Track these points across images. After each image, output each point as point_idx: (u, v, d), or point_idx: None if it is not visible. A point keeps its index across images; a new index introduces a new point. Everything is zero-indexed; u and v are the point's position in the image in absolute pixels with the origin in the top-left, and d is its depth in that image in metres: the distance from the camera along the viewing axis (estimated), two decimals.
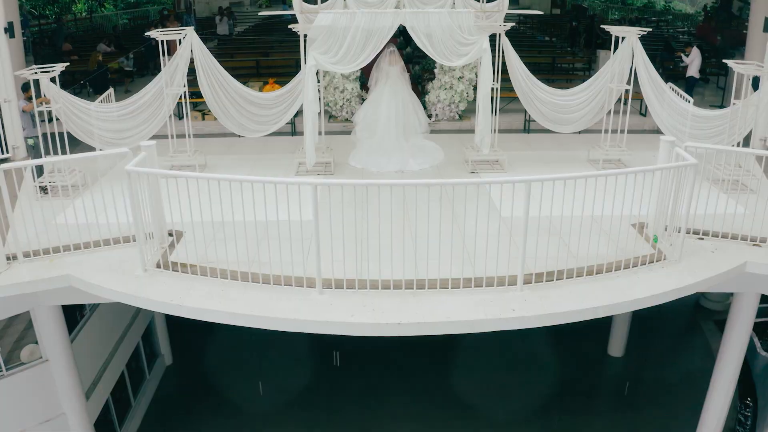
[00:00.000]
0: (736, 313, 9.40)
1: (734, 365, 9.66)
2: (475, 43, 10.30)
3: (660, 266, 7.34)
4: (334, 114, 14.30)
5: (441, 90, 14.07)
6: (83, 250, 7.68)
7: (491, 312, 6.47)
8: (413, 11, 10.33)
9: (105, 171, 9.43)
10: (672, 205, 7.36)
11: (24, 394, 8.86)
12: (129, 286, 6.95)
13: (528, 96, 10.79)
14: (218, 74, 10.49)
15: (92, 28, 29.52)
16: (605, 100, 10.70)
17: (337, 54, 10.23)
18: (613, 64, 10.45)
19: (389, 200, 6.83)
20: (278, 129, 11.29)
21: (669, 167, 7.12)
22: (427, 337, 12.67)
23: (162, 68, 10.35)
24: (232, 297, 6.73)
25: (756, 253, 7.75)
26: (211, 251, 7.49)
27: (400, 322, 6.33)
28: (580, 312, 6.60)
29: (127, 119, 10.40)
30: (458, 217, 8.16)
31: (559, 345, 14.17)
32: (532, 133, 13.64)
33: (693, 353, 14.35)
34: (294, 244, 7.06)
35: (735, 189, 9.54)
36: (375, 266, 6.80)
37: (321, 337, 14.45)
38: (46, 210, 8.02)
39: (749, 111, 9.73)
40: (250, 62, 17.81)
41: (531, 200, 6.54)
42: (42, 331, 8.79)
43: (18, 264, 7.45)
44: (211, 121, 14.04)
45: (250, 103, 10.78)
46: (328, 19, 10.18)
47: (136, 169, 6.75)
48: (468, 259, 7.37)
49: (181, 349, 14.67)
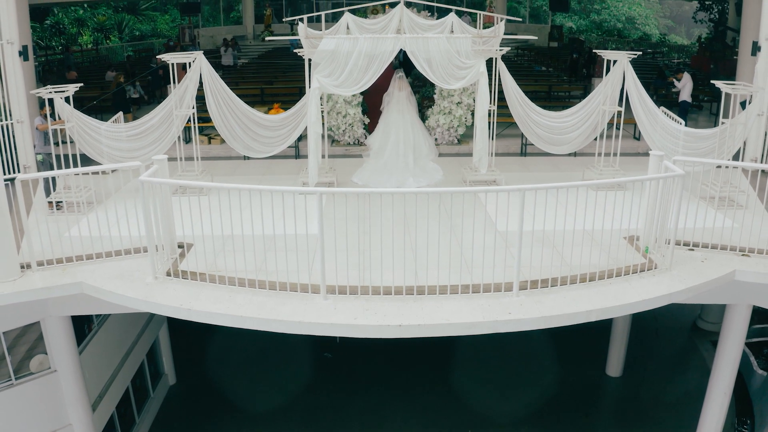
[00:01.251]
0: (728, 325, 9.62)
1: (728, 377, 9.85)
2: (473, 67, 10.74)
3: (651, 274, 7.62)
4: (337, 138, 14.70)
5: (440, 115, 14.48)
6: (95, 260, 7.97)
7: (489, 315, 6.73)
8: (413, 36, 10.79)
9: (116, 188, 9.79)
10: (662, 215, 7.66)
11: (32, 404, 9.05)
12: (139, 292, 7.22)
13: (523, 117, 11.18)
14: (226, 96, 10.88)
15: (98, 59, 30.24)
16: (598, 122, 11.08)
17: (339, 77, 10.67)
18: (604, 87, 10.85)
19: (390, 215, 7.20)
20: (282, 152, 11.68)
21: (657, 177, 7.44)
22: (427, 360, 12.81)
23: (170, 92, 10.77)
24: (239, 302, 6.99)
25: (745, 262, 8.04)
26: (219, 261, 7.80)
27: (401, 324, 6.58)
28: (574, 315, 6.83)
29: (137, 139, 10.77)
30: (456, 229, 8.48)
31: (558, 365, 14.36)
32: (529, 156, 14.02)
33: (690, 373, 14.48)
34: (299, 255, 7.40)
35: (725, 205, 9.84)
36: (377, 274, 7.13)
37: (327, 363, 14.79)
38: (58, 223, 8.35)
39: (737, 129, 10.10)
40: (254, 90, 18.30)
41: (526, 214, 6.87)
42: (51, 341, 9.02)
43: (31, 272, 7.73)
44: (216, 145, 14.49)
45: (257, 124, 11.16)
46: (331, 44, 10.66)
47: (150, 179, 7.08)
48: (466, 268, 7.65)
49: (184, 369, 14.82)
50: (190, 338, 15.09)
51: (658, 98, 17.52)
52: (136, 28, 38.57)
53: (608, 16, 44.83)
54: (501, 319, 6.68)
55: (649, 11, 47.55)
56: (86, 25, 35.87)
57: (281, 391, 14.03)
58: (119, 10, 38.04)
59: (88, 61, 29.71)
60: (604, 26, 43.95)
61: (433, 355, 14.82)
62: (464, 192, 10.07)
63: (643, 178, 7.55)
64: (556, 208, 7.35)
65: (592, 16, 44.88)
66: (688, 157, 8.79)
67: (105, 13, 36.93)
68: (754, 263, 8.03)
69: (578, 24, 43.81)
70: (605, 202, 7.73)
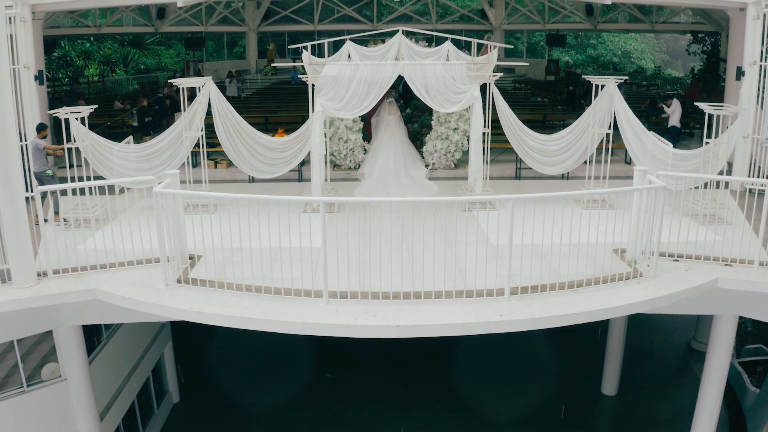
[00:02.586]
0: (716, 336, 9.99)
1: (717, 388, 10.19)
2: (467, 92, 11.32)
3: (636, 282, 8.03)
4: (338, 163, 15.20)
5: (438, 140, 15.00)
6: (108, 269, 8.40)
7: (481, 317, 7.14)
8: (411, 63, 11.38)
9: (127, 206, 10.25)
10: (647, 226, 8.10)
11: (42, 411, 9.38)
12: (151, 297, 7.64)
13: (516, 138, 11.71)
14: (233, 119, 11.41)
15: (104, 91, 31.05)
16: (588, 144, 11.59)
17: (341, 101, 11.24)
18: (594, 110, 11.39)
19: (389, 229, 7.66)
20: (286, 176, 12.21)
21: (640, 189, 7.91)
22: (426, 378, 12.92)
23: (176, 120, 11.32)
24: (246, 305, 7.39)
25: (727, 271, 8.47)
26: (227, 271, 8.23)
27: (399, 325, 6.98)
28: (562, 317, 7.23)
29: (146, 160, 11.26)
30: (451, 242, 8.91)
31: (554, 383, 14.64)
32: (524, 180, 14.50)
33: (684, 392, 14.67)
34: (303, 265, 7.86)
35: (711, 221, 10.29)
36: (376, 282, 7.58)
37: (331, 383, 15.09)
38: (75, 237, 8.80)
39: (721, 149, 10.61)
40: (259, 119, 18.88)
41: (519, 229, 7.35)
42: (63, 350, 9.39)
43: (48, 280, 8.15)
44: (222, 169, 15.00)
45: (263, 146, 11.68)
46: (334, 70, 11.25)
47: (164, 191, 7.55)
48: (460, 277, 8.05)
49: (188, 387, 15.11)
50: (195, 358, 15.41)
51: (649, 125, 18.13)
52: (141, 61, 39.48)
53: (604, 51, 45.87)
54: (493, 321, 7.08)
55: (645, 46, 48.64)
56: (93, 57, 36.77)
57: (283, 412, 14.29)
58: (125, 44, 38.98)
59: (94, 92, 30.51)
60: (600, 60, 44.93)
61: (431, 372, 15.13)
62: (457, 204, 10.65)
63: (626, 189, 8.01)
64: (544, 221, 7.86)
65: (589, 51, 45.94)
66: (671, 172, 9.25)
67: (111, 46, 37.86)
68: (736, 272, 8.45)
69: (575, 58, 44.81)
70: (598, 219, 8.22)
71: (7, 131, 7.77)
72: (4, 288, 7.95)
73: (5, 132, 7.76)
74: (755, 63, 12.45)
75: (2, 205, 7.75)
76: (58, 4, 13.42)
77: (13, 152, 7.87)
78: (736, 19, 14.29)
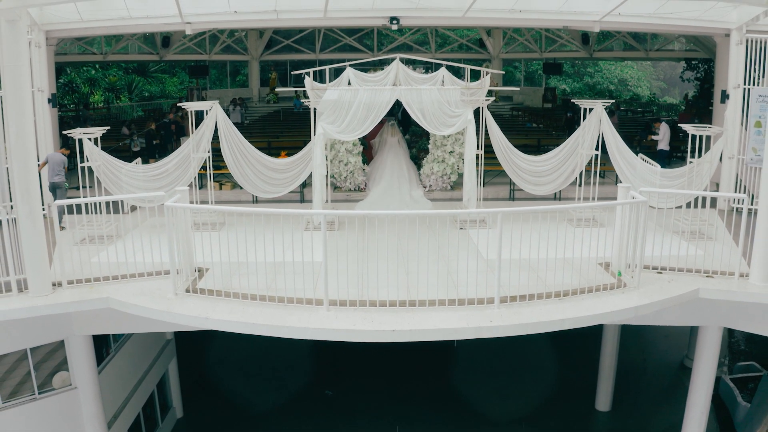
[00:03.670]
0: (701, 347, 10.40)
1: (703, 398, 10.56)
2: (461, 115, 11.89)
3: (621, 292, 8.46)
4: (339, 185, 15.72)
5: (434, 163, 15.54)
6: (120, 280, 8.85)
7: (472, 322, 7.58)
8: (408, 88, 11.95)
9: (135, 225, 10.74)
10: (631, 240, 8.55)
11: (52, 418, 9.76)
12: (161, 305, 8.08)
13: (506, 159, 12.23)
14: (239, 141, 11.95)
15: (109, 117, 31.77)
16: (576, 164, 12.10)
17: (342, 124, 11.81)
18: (582, 132, 11.93)
19: (386, 244, 8.14)
20: (288, 197, 12.74)
21: (623, 203, 8.40)
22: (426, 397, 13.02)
23: (182, 143, 11.88)
24: (251, 312, 7.84)
25: (708, 282, 8.90)
26: (234, 282, 8.68)
27: (394, 329, 7.42)
28: (549, 323, 7.66)
29: (154, 180, 11.76)
30: (445, 257, 9.39)
31: (548, 398, 14.98)
32: (517, 201, 15.00)
33: (676, 408, 14.87)
34: (305, 277, 8.33)
35: (696, 238, 10.75)
36: (374, 292, 8.06)
37: (331, 399, 15.42)
38: (84, 252, 9.30)
39: (704, 168, 11.12)
40: (262, 144, 19.46)
41: (510, 245, 7.85)
42: (74, 360, 9.80)
43: (62, 289, 8.60)
44: (227, 191, 15.54)
45: (267, 167, 12.20)
46: (334, 94, 11.84)
47: (175, 204, 8.05)
48: (453, 287, 8.51)
49: (192, 403, 15.46)
50: (198, 374, 15.78)
51: (641, 148, 18.71)
52: (145, 89, 40.35)
53: (601, 79, 46.77)
54: (483, 326, 7.53)
55: (641, 74, 49.54)
56: (98, 84, 37.61)
57: (285, 430, 14.60)
58: (129, 72, 39.87)
59: (99, 118, 31.23)
60: (597, 88, 45.78)
61: (430, 389, 15.48)
62: (452, 222, 11.17)
63: (610, 204, 8.50)
64: (532, 237, 8.31)
65: (586, 79, 46.83)
66: (652, 188, 9.76)
67: (116, 74, 38.73)
68: (717, 283, 8.90)
69: (572, 86, 45.68)
70: (585, 235, 8.71)
71: (27, 150, 8.33)
72: (21, 297, 8.41)
73: (25, 150, 8.31)
74: (738, 86, 13.05)
75: (21, 218, 8.25)
76: (72, 30, 14.07)
77: (32, 169, 8.39)
78: (722, 44, 14.95)
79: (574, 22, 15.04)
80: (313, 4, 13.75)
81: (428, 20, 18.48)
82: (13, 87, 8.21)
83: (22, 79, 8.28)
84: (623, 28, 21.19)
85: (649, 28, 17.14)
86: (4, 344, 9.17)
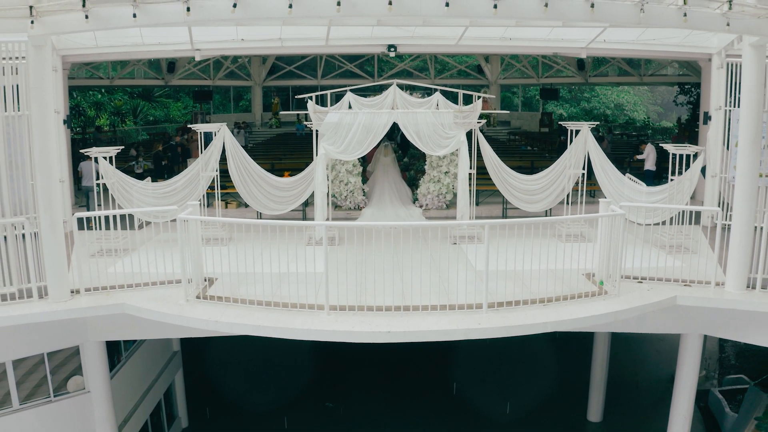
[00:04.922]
0: (683, 354, 10.95)
1: (687, 405, 11.10)
2: (455, 137, 12.60)
3: (602, 299, 9.07)
4: (339, 204, 16.39)
5: (430, 183, 16.21)
6: (134, 288, 9.47)
7: (462, 325, 8.21)
8: (404, 111, 12.68)
9: (147, 239, 11.39)
10: (611, 250, 9.18)
11: (66, 420, 10.35)
12: (173, 310, 8.69)
13: (499, 178, 12.91)
14: (245, 161, 12.63)
15: (114, 140, 32.56)
16: (565, 184, 12.76)
17: (342, 145, 12.51)
18: (570, 152, 12.61)
19: (382, 256, 8.81)
20: (290, 215, 13.38)
21: (602, 216, 9.05)
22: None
23: (191, 161, 12.56)
24: (258, 316, 8.46)
25: (685, 290, 9.51)
26: (241, 290, 9.29)
27: (390, 331, 8.03)
28: (532, 326, 8.27)
29: (164, 197, 12.41)
30: (438, 267, 10.01)
31: (540, 409, 15.52)
32: (509, 219, 15.59)
33: (666, 420, 15.48)
34: (308, 285, 8.97)
35: (677, 251, 11.36)
36: (371, 298, 8.71)
37: (330, 411, 15.93)
38: (101, 262, 9.95)
39: (685, 185, 11.79)
40: (266, 165, 20.14)
41: (500, 257, 8.43)
42: (88, 365, 10.39)
43: (80, 296, 9.22)
44: (233, 209, 16.21)
45: (272, 185, 12.88)
46: (335, 117, 12.57)
47: (188, 216, 8.70)
48: (445, 294, 9.11)
49: (196, 413, 15.96)
50: (204, 384, 16.32)
51: (630, 169, 19.41)
52: (150, 113, 41.23)
53: (597, 104, 47.63)
54: (472, 328, 8.15)
55: (637, 98, 50.40)
56: (104, 108, 38.49)
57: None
58: (135, 96, 40.78)
59: (106, 141, 32.04)
60: (593, 113, 46.64)
61: (427, 400, 15.98)
62: (446, 237, 11.82)
63: (590, 216, 9.15)
64: (523, 251, 8.94)
65: (582, 104, 47.71)
66: (629, 203, 10.45)
67: (121, 98, 39.62)
68: (694, 291, 9.52)
69: (569, 111, 46.54)
70: (572, 249, 9.36)
71: (49, 165, 8.99)
72: (41, 302, 9.02)
73: (48, 165, 8.97)
74: (720, 108, 13.74)
75: (44, 228, 8.89)
76: (86, 55, 14.85)
77: (54, 183, 9.06)
78: (706, 68, 15.72)
79: (563, 49, 15.82)
80: (316, 33, 14.58)
81: (424, 47, 19.38)
82: (38, 108, 8.90)
83: (46, 100, 8.97)
84: (610, 54, 22.08)
85: (635, 54, 17.99)
86: (24, 348, 9.78)
